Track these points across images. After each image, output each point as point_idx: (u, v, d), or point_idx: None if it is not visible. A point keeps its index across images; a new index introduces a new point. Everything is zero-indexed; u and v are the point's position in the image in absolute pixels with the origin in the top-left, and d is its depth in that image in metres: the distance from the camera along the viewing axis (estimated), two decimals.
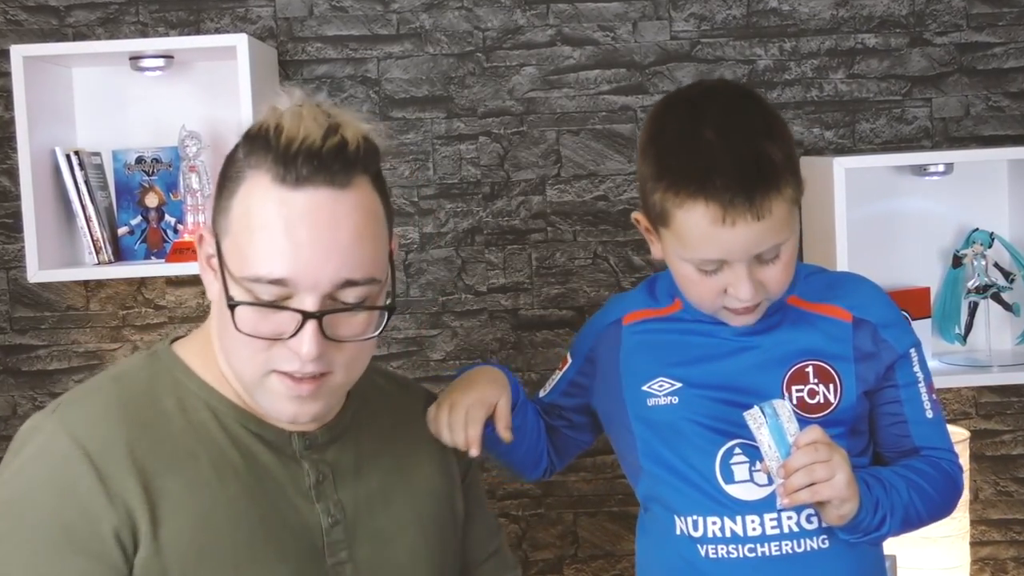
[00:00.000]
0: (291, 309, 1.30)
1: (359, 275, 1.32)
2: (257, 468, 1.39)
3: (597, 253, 2.77)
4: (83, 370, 2.77)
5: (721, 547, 1.59)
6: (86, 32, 2.74)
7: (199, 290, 2.77)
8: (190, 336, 1.47)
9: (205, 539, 1.33)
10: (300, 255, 1.29)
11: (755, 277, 1.55)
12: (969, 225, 2.68)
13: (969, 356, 2.66)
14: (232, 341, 1.34)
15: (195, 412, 1.39)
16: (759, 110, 1.57)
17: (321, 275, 1.30)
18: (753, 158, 1.50)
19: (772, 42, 2.75)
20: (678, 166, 1.52)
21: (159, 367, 1.42)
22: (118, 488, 1.32)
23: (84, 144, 2.69)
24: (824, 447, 1.50)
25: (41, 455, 1.34)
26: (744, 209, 1.49)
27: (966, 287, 2.65)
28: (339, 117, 1.34)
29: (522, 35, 2.76)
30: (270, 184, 1.29)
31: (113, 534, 1.30)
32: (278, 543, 1.37)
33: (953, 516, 2.56)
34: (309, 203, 1.29)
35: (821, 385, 1.60)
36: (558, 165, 2.76)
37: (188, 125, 2.60)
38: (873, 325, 1.63)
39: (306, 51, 2.76)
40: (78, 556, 1.29)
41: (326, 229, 1.29)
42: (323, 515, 1.41)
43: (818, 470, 1.49)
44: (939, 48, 2.75)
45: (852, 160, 2.48)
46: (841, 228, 2.44)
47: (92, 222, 2.59)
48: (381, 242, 1.36)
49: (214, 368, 1.41)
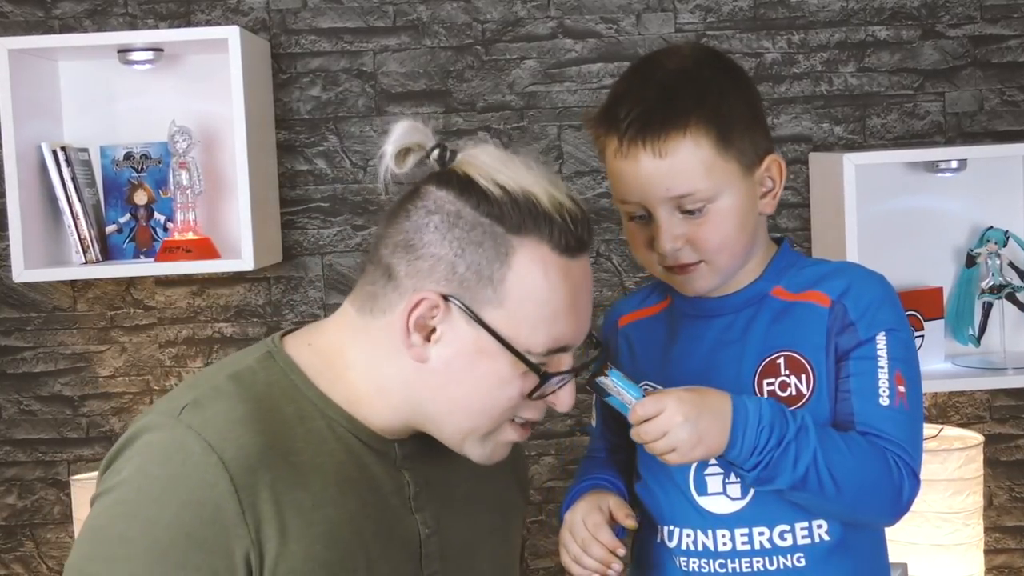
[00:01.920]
0: (569, 370, 1.43)
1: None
2: (369, 480, 1.41)
3: (600, 252, 2.76)
4: (70, 372, 2.76)
5: (694, 561, 1.58)
6: (73, 24, 2.73)
7: (189, 290, 2.76)
8: (301, 334, 1.47)
9: (330, 556, 1.34)
10: (580, 319, 1.41)
11: (679, 230, 1.54)
12: (983, 223, 2.67)
13: (983, 358, 2.65)
14: (475, 397, 1.40)
15: (312, 421, 1.39)
16: (710, 64, 1.58)
17: (586, 331, 1.44)
18: (661, 93, 1.52)
19: (780, 34, 2.74)
20: (606, 102, 1.58)
21: (276, 369, 1.42)
22: (253, 501, 1.31)
23: (71, 140, 2.68)
24: (652, 424, 1.46)
25: (171, 459, 1.31)
26: (638, 141, 1.51)
27: (980, 287, 2.64)
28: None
29: (522, 27, 2.75)
30: (550, 253, 1.36)
31: (243, 557, 1.30)
32: (389, 557, 1.40)
33: (966, 523, 2.57)
34: (583, 271, 1.40)
35: (793, 376, 1.56)
36: (560, 161, 2.75)
37: (178, 120, 2.59)
38: (845, 306, 1.56)
39: (300, 44, 2.75)
40: (204, 574, 1.29)
41: (591, 290, 1.44)
42: (421, 526, 1.44)
43: (655, 447, 1.47)
44: (952, 41, 2.74)
45: (862, 156, 2.47)
46: (851, 226, 2.43)
47: (79, 220, 2.58)
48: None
49: (329, 376, 1.43)
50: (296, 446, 1.36)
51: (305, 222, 2.77)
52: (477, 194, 1.35)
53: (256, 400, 1.37)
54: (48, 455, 2.78)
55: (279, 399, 1.39)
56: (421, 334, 1.37)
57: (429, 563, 1.44)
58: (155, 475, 1.31)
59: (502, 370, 1.37)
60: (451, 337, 1.37)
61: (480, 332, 1.36)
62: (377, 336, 1.40)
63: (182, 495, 1.30)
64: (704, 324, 1.62)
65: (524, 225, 1.34)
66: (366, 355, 1.42)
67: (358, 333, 1.42)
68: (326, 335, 1.45)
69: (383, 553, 1.39)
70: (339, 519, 1.36)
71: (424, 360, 1.38)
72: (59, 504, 2.77)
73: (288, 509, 1.32)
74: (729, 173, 1.54)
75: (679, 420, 1.45)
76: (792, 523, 1.55)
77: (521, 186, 1.35)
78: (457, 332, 1.37)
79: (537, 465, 2.77)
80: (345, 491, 1.38)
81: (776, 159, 1.59)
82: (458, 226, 1.35)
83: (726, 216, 1.54)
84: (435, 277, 1.35)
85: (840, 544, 1.56)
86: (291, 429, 1.37)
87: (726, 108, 1.53)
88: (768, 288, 1.61)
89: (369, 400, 1.42)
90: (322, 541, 1.34)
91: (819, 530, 1.56)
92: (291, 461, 1.35)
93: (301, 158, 2.76)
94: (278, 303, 2.77)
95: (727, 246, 1.57)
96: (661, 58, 1.61)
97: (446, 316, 1.36)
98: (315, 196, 2.77)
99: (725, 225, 1.55)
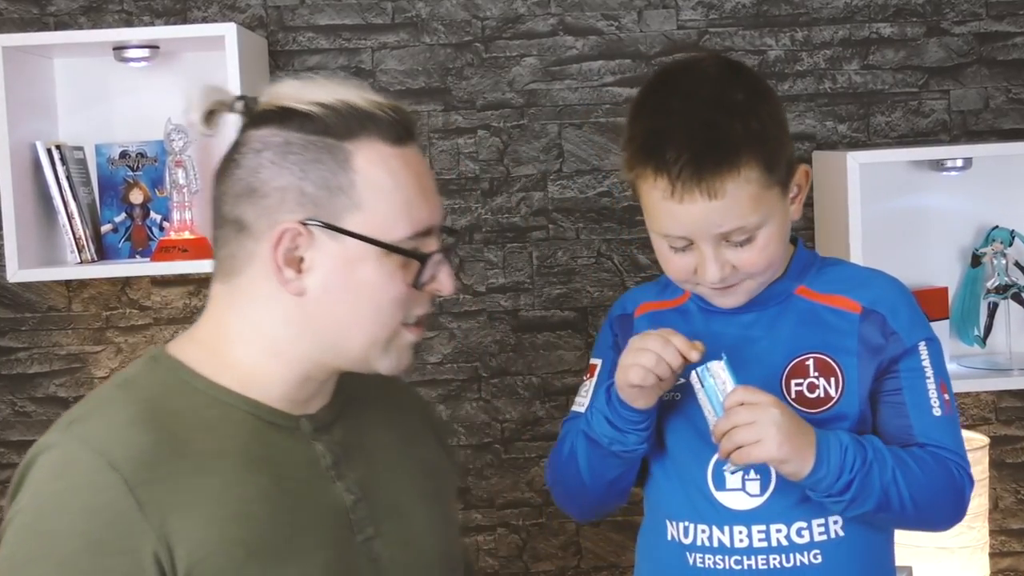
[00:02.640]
0: (440, 250, 1.45)
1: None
2: (279, 456, 1.43)
3: (601, 252, 2.75)
4: (65, 373, 2.76)
5: (708, 557, 1.59)
6: (68, 21, 2.73)
7: (185, 290, 2.76)
8: (181, 339, 1.49)
9: (246, 534, 1.35)
10: (431, 200, 1.45)
11: (725, 258, 1.54)
12: (989, 222, 2.67)
13: (988, 359, 2.65)
14: (362, 308, 1.42)
15: (206, 410, 1.42)
16: (739, 83, 1.56)
17: (441, 213, 1.48)
18: (709, 132, 1.50)
19: (783, 32, 2.74)
20: (639, 134, 1.56)
21: (161, 370, 1.44)
22: (151, 497, 1.32)
23: (66, 138, 2.67)
24: (746, 409, 1.48)
25: (63, 473, 1.33)
26: (692, 186, 1.49)
27: (985, 287, 2.65)
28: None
29: (523, 24, 2.74)
30: (384, 147, 1.42)
31: (151, 554, 1.31)
32: (315, 529, 1.42)
33: (971, 526, 2.56)
34: (418, 156, 1.45)
35: (822, 379, 1.59)
36: (560, 160, 2.75)
37: (174, 118, 2.58)
38: (882, 316, 1.61)
39: (297, 41, 2.74)
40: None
41: (431, 173, 1.48)
42: (346, 493, 1.46)
43: (740, 433, 1.48)
44: (957, 38, 2.74)
45: (867, 155, 2.47)
46: (855, 226, 2.43)
47: (74, 219, 2.57)
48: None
49: (215, 363, 1.45)
50: (193, 436, 1.38)
51: None
52: (298, 117, 1.39)
53: (144, 401, 1.39)
54: None
55: (168, 397, 1.41)
56: (292, 268, 1.40)
57: (361, 528, 1.45)
58: (50, 491, 1.33)
59: (379, 270, 1.41)
60: (321, 259, 1.40)
61: (346, 242, 1.39)
62: (248, 294, 1.43)
63: (78, 504, 1.31)
64: (726, 320, 1.63)
65: (352, 129, 1.40)
66: (244, 319, 1.44)
67: (231, 303, 1.45)
68: (205, 325, 1.48)
69: (306, 525, 1.41)
70: (250, 497, 1.37)
71: (302, 292, 1.41)
72: None
73: (194, 497, 1.34)
74: (773, 198, 1.55)
75: (775, 412, 1.48)
76: (810, 520, 1.57)
77: (335, 96, 1.40)
78: (325, 252, 1.40)
79: (537, 467, 2.77)
80: (253, 470, 1.39)
81: (804, 168, 1.62)
82: (291, 152, 1.39)
83: (771, 238, 1.56)
84: (287, 207, 1.39)
85: (854, 541, 1.60)
86: (185, 422, 1.39)
87: (766, 134, 1.54)
88: (792, 287, 1.64)
89: (262, 371, 1.44)
90: (236, 521, 1.35)
91: (835, 526, 1.58)
92: (188, 452, 1.36)
93: None
94: None
95: (772, 264, 1.59)
96: (688, 84, 1.57)
97: (310, 241, 1.39)
98: None
99: (770, 247, 1.57)
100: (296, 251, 1.39)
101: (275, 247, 1.39)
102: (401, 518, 1.51)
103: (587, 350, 2.74)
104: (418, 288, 1.43)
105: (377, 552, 1.46)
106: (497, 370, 2.77)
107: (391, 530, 1.48)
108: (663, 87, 1.59)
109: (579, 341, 2.76)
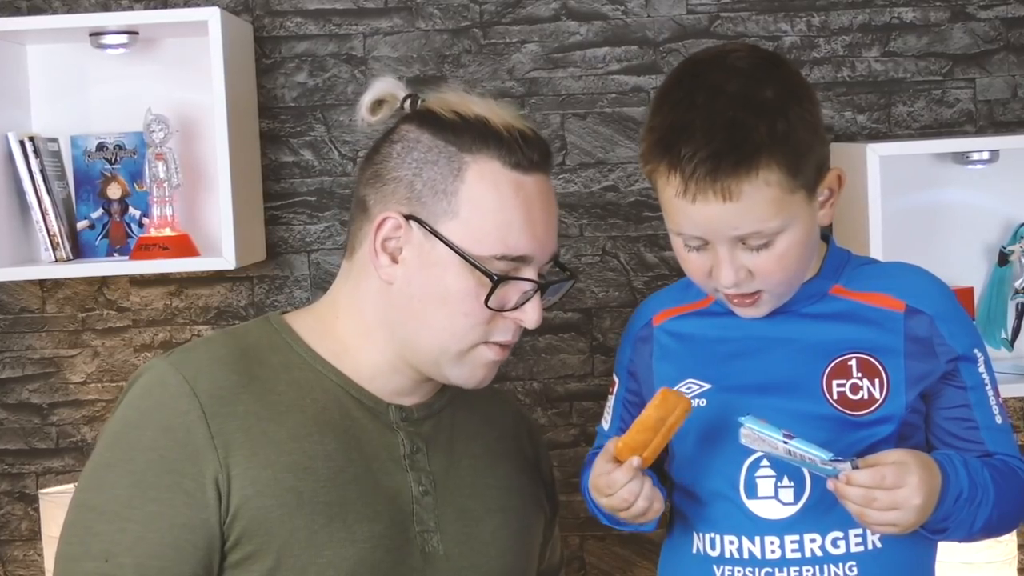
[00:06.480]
0: (529, 280, 1.58)
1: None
2: (355, 429, 1.60)
3: (606, 249, 2.75)
4: (39, 378, 2.75)
5: (737, 569, 1.59)
6: (42, 5, 2.72)
7: (166, 290, 2.75)
8: (300, 311, 1.69)
9: (303, 486, 1.53)
10: (537, 232, 1.58)
11: (741, 262, 1.55)
12: (1016, 219, 2.67)
13: (1017, 363, 2.65)
14: (436, 313, 1.58)
15: (298, 371, 1.61)
16: (771, 79, 1.54)
17: (549, 249, 1.61)
18: (729, 131, 1.49)
19: (799, 16, 2.73)
20: (658, 126, 1.56)
21: (269, 328, 1.66)
22: (221, 430, 1.53)
23: (39, 129, 2.67)
24: (884, 498, 1.47)
25: (151, 390, 1.57)
26: (706, 186, 1.49)
27: (1013, 287, 2.65)
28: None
29: (523, 9, 2.73)
30: (501, 168, 1.57)
31: (212, 478, 1.51)
32: (370, 502, 1.57)
33: (998, 540, 2.56)
34: (539, 188, 1.59)
35: (865, 380, 1.59)
36: (563, 152, 2.74)
37: (154, 108, 2.58)
38: (929, 316, 1.61)
39: (285, 26, 2.74)
40: (175, 494, 1.51)
41: (551, 209, 1.62)
42: (414, 484, 1.61)
43: (878, 497, 1.47)
44: (983, 23, 2.73)
45: (887, 147, 2.47)
46: (875, 221, 2.43)
47: (48, 215, 2.57)
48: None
49: (320, 331, 1.64)
50: (277, 388, 1.58)
51: (290, 217, 2.76)
52: (434, 121, 1.59)
53: (242, 348, 1.61)
54: (15, 467, 2.76)
55: (266, 351, 1.62)
56: (388, 255, 1.58)
57: (421, 520, 1.61)
58: (137, 406, 1.57)
59: (459, 282, 1.56)
60: (412, 255, 1.58)
61: (436, 244, 1.56)
62: (357, 271, 1.63)
63: (158, 421, 1.54)
64: (758, 320, 1.62)
65: (475, 143, 1.57)
66: (348, 295, 1.64)
67: (346, 278, 1.65)
68: (324, 297, 1.69)
69: (364, 497, 1.57)
70: (314, 453, 1.56)
71: (391, 281, 1.59)
72: (27, 520, 2.76)
73: (260, 439, 1.54)
74: (795, 204, 1.54)
75: (916, 503, 1.48)
76: (846, 529, 1.58)
77: (474, 112, 1.58)
78: (417, 249, 1.57)
79: None
80: (325, 432, 1.58)
81: (837, 172, 1.60)
82: (416, 149, 1.59)
83: (790, 247, 1.55)
84: (397, 198, 1.58)
85: (892, 553, 1.60)
86: (275, 374, 1.60)
87: (794, 137, 1.52)
88: (827, 286, 1.64)
89: (355, 348, 1.63)
90: (294, 471, 1.54)
91: (873, 537, 1.58)
92: (269, 400, 1.57)
93: (286, 149, 2.75)
94: (261, 304, 2.75)
95: (789, 277, 1.59)
96: (717, 77, 1.55)
97: (408, 236, 1.58)
98: (301, 190, 2.75)
99: (789, 256, 1.56)
100: (395, 241, 1.58)
101: (375, 230, 1.58)
102: (469, 523, 1.64)
103: (591, 353, 2.73)
104: (491, 308, 1.56)
105: (433, 547, 1.61)
106: (497, 375, 2.75)
107: (455, 531, 1.63)
108: (689, 78, 1.57)
109: (583, 344, 2.75)
